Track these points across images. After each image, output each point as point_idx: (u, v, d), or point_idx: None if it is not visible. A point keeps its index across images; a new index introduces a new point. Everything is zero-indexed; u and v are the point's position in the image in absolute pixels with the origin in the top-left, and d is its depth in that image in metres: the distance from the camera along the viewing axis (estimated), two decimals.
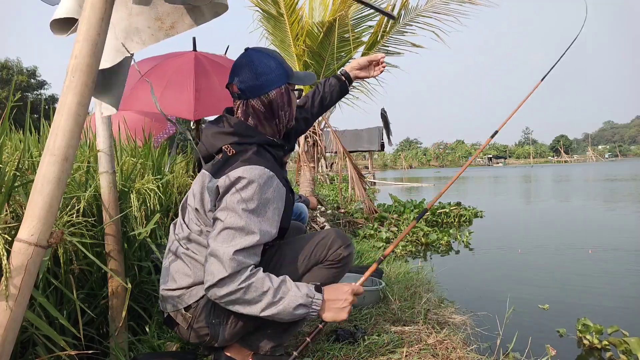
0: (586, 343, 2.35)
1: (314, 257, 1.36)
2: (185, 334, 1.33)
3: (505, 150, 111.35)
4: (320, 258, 1.36)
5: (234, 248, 1.14)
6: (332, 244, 1.36)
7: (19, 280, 0.84)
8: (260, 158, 1.25)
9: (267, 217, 1.21)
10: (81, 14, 0.92)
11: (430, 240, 5.40)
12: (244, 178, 1.18)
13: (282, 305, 1.18)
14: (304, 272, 1.36)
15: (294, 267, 1.35)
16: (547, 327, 2.64)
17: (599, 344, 2.30)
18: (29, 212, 0.85)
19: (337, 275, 1.39)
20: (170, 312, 1.33)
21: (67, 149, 0.88)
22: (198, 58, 3.07)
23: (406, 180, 25.62)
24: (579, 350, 2.34)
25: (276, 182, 1.24)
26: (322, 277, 1.37)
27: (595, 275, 3.82)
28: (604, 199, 11.02)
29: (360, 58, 1.68)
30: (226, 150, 1.27)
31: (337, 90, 1.70)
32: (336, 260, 1.37)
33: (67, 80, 0.90)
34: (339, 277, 1.40)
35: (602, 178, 20.91)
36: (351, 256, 1.41)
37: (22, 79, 25.90)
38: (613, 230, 6.21)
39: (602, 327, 2.33)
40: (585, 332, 2.36)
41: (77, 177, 1.71)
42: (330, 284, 1.35)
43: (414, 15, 5.35)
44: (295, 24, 5.26)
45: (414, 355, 1.56)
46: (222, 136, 1.30)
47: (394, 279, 2.78)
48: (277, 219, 1.26)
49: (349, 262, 1.41)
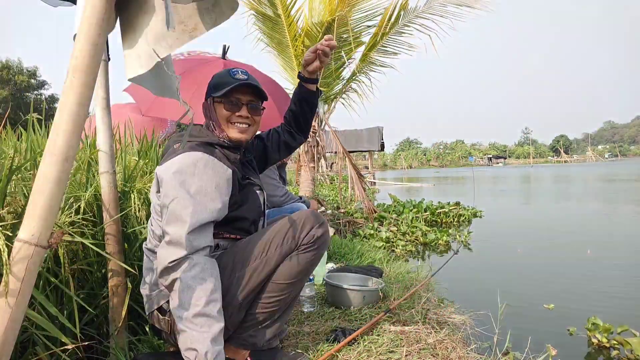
0: (595, 342, 2.37)
1: (287, 244, 1.33)
2: (170, 340, 1.35)
3: (505, 150, 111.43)
4: (293, 245, 1.33)
5: (181, 231, 1.16)
6: (303, 225, 1.34)
7: (19, 280, 0.84)
8: (201, 148, 1.30)
9: (209, 195, 1.24)
10: (81, 14, 0.92)
11: (428, 240, 5.41)
12: (181, 162, 1.25)
13: (188, 327, 1.13)
14: (278, 261, 1.33)
15: (266, 258, 1.31)
16: (550, 326, 2.65)
17: (608, 342, 2.32)
18: (29, 212, 0.86)
19: (314, 260, 1.36)
20: (149, 313, 1.36)
21: (68, 149, 0.88)
22: (227, 67, 3.08)
23: (406, 180, 25.61)
24: (586, 348, 2.36)
25: (218, 165, 1.29)
26: (300, 265, 1.33)
27: (595, 275, 3.82)
28: (605, 199, 11.02)
29: (306, 53, 1.50)
30: (174, 147, 1.35)
31: (299, 97, 1.60)
32: (310, 242, 1.33)
33: (68, 80, 0.90)
34: (316, 261, 1.37)
35: (604, 178, 20.90)
36: (326, 236, 1.37)
37: (23, 79, 25.90)
38: (613, 230, 6.21)
39: (611, 326, 2.35)
40: (594, 331, 2.38)
41: (77, 177, 1.71)
42: (309, 270, 1.36)
43: (412, 17, 5.35)
44: (294, 25, 5.26)
45: (413, 355, 1.57)
46: (178, 138, 1.42)
47: (394, 279, 2.78)
48: (221, 196, 1.27)
49: (324, 242, 1.37)
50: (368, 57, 5.59)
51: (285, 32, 5.39)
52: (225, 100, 1.40)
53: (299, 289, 1.41)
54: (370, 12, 5.20)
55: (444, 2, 5.10)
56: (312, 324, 1.90)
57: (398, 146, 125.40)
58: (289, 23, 5.25)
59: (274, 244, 1.32)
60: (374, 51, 5.53)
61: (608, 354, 2.27)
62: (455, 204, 7.72)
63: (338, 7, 4.89)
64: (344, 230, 5.60)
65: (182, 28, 1.11)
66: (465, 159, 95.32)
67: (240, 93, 1.41)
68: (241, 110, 1.41)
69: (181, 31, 1.11)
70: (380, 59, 5.65)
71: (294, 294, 1.40)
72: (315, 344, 1.66)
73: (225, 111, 1.40)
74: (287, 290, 1.35)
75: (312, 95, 1.59)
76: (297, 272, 1.34)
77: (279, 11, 5.14)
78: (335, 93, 6.02)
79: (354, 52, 5.49)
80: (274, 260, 1.32)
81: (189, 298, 1.13)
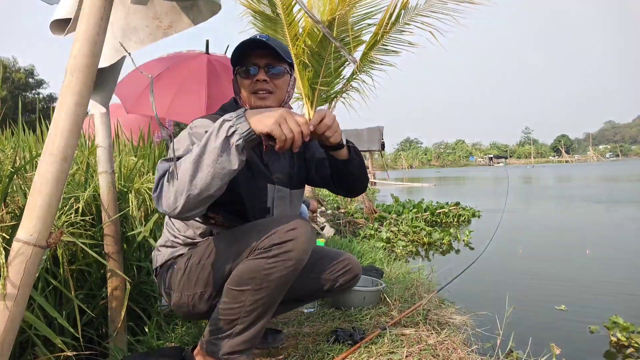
0: (614, 340, 2.38)
1: (246, 245, 1.16)
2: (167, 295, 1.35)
3: (506, 150, 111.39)
4: (251, 247, 1.15)
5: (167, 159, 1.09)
6: (270, 227, 1.15)
7: (17, 281, 0.84)
8: (216, 116, 1.26)
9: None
10: (80, 13, 0.92)
11: (432, 239, 5.41)
12: (194, 121, 1.23)
13: (208, 146, 1.01)
14: (236, 263, 1.18)
15: (226, 255, 1.20)
16: (556, 327, 2.64)
17: (627, 341, 2.33)
18: (27, 212, 0.85)
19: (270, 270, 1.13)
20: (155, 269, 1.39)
21: (66, 148, 0.88)
22: (210, 62, 3.07)
23: (407, 180, 25.60)
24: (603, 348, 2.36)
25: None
26: (249, 271, 1.14)
27: (595, 276, 3.81)
28: (606, 199, 11.00)
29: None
30: None
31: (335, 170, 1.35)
32: (265, 248, 1.13)
33: (66, 80, 0.90)
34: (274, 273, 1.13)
35: (606, 179, 20.86)
36: (290, 245, 1.12)
37: (20, 76, 25.87)
38: (612, 230, 6.20)
39: (630, 325, 2.36)
40: (613, 329, 2.40)
41: (76, 177, 1.71)
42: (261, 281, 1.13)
43: (413, 15, 5.34)
44: (294, 24, 5.25)
45: (414, 356, 1.56)
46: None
47: (394, 279, 2.78)
48: None
49: (286, 252, 1.12)
50: (368, 56, 5.58)
51: (285, 31, 5.38)
52: (241, 68, 1.30)
53: (255, 302, 1.16)
54: (372, 11, 5.19)
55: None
56: (312, 325, 1.89)
57: (399, 146, 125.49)
58: (289, 22, 5.24)
59: (238, 242, 1.19)
60: (375, 50, 5.53)
61: (627, 353, 2.28)
62: (455, 204, 7.70)
63: (339, 6, 4.88)
64: (344, 231, 5.60)
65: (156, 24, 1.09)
66: (466, 159, 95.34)
67: (256, 57, 1.28)
68: (259, 74, 1.28)
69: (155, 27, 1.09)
70: (381, 58, 5.65)
71: (251, 307, 1.16)
72: (315, 344, 1.65)
73: (244, 79, 1.30)
74: (239, 300, 1.16)
75: (345, 165, 1.30)
76: (247, 279, 1.14)
77: (278, 10, 5.13)
78: (335, 92, 6.01)
79: (354, 51, 5.48)
80: (231, 260, 1.19)
81: (183, 160, 1.04)
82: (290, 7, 5.09)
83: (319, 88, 5.57)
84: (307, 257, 1.17)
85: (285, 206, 1.40)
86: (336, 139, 1.17)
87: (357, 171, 1.33)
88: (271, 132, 1.00)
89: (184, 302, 1.28)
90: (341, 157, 1.29)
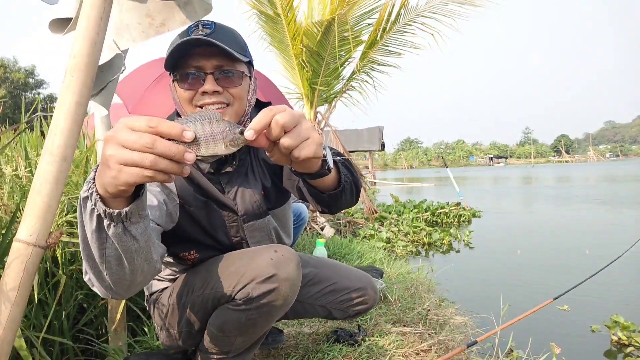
0: (615, 339, 2.39)
1: (222, 289, 0.99)
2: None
3: (506, 150, 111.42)
4: (227, 294, 0.98)
5: None
6: (248, 273, 0.96)
7: (17, 281, 0.83)
8: None
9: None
10: (80, 13, 0.92)
11: (432, 239, 5.41)
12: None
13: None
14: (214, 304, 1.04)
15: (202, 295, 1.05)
16: (558, 327, 2.64)
17: (627, 340, 2.34)
18: (27, 212, 0.85)
19: (250, 322, 0.99)
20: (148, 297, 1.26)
21: (66, 148, 0.87)
22: None
23: (407, 180, 25.61)
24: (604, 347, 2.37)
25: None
26: (230, 322, 1.01)
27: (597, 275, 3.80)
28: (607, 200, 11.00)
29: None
30: None
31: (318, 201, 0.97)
32: (241, 300, 0.96)
33: (66, 79, 0.90)
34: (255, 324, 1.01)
35: (606, 179, 20.87)
36: (271, 296, 0.96)
37: (20, 76, 25.88)
38: (612, 231, 6.20)
39: (631, 324, 2.36)
40: (614, 328, 2.40)
41: (74, 178, 1.70)
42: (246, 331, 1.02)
43: (414, 15, 5.34)
44: (292, 24, 5.26)
45: (414, 356, 1.56)
46: None
47: (394, 279, 2.77)
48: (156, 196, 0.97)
49: (265, 305, 0.96)
50: (368, 55, 5.58)
51: (285, 31, 5.39)
52: (181, 74, 0.97)
53: (244, 341, 1.08)
54: (371, 10, 5.20)
55: (446, 0, 5.10)
56: (312, 325, 1.89)
57: (399, 146, 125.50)
58: (288, 22, 5.25)
59: (214, 281, 1.02)
60: (375, 50, 5.53)
61: (627, 352, 2.28)
62: (456, 204, 7.69)
63: (339, 6, 4.89)
64: (344, 230, 5.59)
65: (148, 22, 1.08)
66: (467, 159, 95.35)
67: (201, 58, 0.94)
68: (205, 84, 0.94)
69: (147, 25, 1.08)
70: (382, 59, 5.65)
71: (241, 344, 1.09)
72: (315, 344, 1.65)
73: (184, 90, 0.96)
74: (228, 342, 1.07)
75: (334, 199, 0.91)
76: (230, 328, 1.03)
77: (278, 10, 5.14)
78: (335, 92, 6.01)
79: (353, 51, 5.48)
80: (209, 301, 1.04)
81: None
82: (289, 6, 5.10)
83: (319, 88, 5.58)
84: (294, 298, 1.02)
85: (263, 233, 1.15)
86: (308, 155, 0.66)
87: (349, 195, 0.94)
88: (124, 187, 0.56)
89: (173, 339, 1.18)
90: (325, 186, 0.86)
